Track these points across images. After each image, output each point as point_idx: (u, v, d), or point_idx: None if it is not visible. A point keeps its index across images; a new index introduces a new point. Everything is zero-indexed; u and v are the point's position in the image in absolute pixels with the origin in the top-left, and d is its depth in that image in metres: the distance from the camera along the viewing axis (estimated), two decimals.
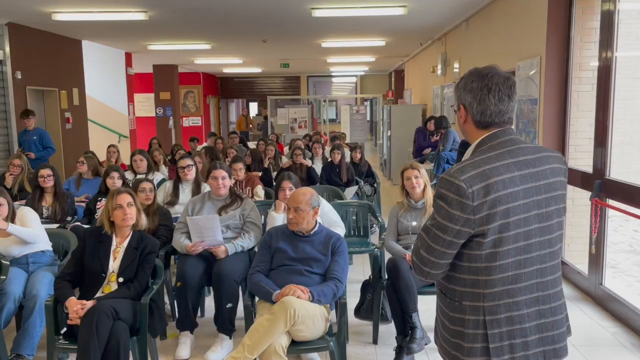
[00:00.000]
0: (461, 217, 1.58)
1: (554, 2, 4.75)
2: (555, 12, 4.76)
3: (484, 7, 6.73)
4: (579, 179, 4.50)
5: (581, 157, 4.74)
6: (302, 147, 7.32)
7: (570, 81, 4.76)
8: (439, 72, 9.68)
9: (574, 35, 4.68)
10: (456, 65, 8.45)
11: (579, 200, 4.73)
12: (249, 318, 3.19)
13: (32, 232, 3.60)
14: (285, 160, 7.61)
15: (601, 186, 4.09)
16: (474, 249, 1.63)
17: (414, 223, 3.75)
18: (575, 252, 4.81)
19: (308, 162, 6.82)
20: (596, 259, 4.25)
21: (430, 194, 3.78)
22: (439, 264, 1.67)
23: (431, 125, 8.94)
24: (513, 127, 1.86)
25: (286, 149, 9.71)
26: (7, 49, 7.21)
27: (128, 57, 11.39)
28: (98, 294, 3.09)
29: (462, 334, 1.68)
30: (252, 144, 10.21)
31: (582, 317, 4.05)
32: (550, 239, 1.67)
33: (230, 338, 3.60)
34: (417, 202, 3.79)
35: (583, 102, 4.74)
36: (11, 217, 3.60)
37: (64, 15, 6.86)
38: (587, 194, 4.32)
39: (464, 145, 1.86)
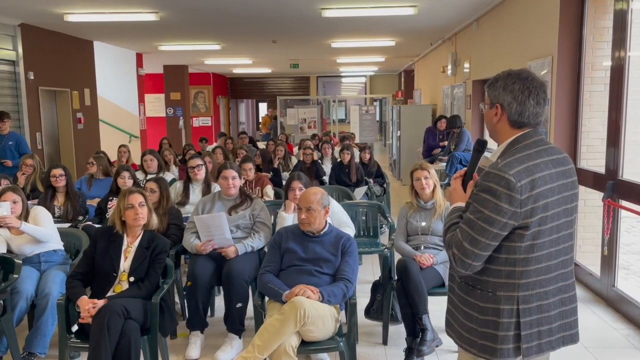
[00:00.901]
0: (509, 210, 1.67)
1: (566, 1, 4.71)
2: (567, 11, 4.72)
3: (494, 6, 6.69)
4: (591, 179, 4.46)
5: (593, 158, 4.70)
6: (312, 147, 7.33)
7: (582, 81, 4.72)
8: (449, 72, 9.64)
9: (587, 34, 4.64)
10: (466, 65, 8.40)
11: (590, 201, 4.69)
12: (259, 318, 3.20)
13: (44, 231, 3.64)
14: (294, 161, 7.62)
15: (614, 187, 4.05)
16: (514, 241, 1.72)
17: (424, 223, 3.74)
18: (587, 254, 4.77)
19: (315, 155, 6.79)
20: (608, 260, 4.21)
21: (440, 194, 3.76)
22: (482, 256, 1.73)
23: (442, 125, 8.88)
24: None
25: (296, 149, 9.72)
26: (20, 49, 7.28)
27: (139, 58, 11.46)
28: (109, 293, 3.11)
29: (496, 324, 1.76)
30: (261, 144, 10.23)
31: (594, 319, 4.02)
32: (571, 233, 1.82)
33: (240, 338, 3.61)
34: (426, 202, 3.77)
35: (595, 102, 4.69)
36: (25, 216, 3.64)
37: (76, 16, 6.91)
38: (599, 195, 4.28)
39: (481, 143, 1.89)
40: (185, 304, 3.77)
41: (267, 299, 3.20)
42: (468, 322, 1.84)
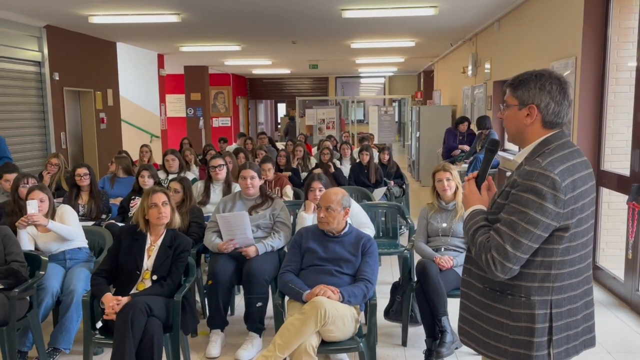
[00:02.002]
0: (553, 211, 1.63)
1: (590, 1, 4.65)
2: (591, 11, 4.65)
3: (517, 6, 6.62)
4: (615, 182, 4.39)
5: (617, 160, 4.62)
6: (331, 147, 7.34)
7: (606, 82, 4.65)
8: (469, 72, 9.56)
9: (611, 34, 4.57)
10: (487, 65, 8.33)
11: (614, 204, 4.62)
12: (279, 317, 3.22)
13: (70, 229, 3.71)
14: (313, 161, 7.64)
15: (639, 189, 3.99)
16: (553, 243, 1.67)
17: (444, 225, 3.72)
18: (610, 257, 4.70)
19: (331, 167, 6.80)
20: (633, 264, 4.14)
21: (461, 196, 3.74)
22: (523, 259, 1.67)
23: (464, 127, 8.78)
24: None
25: (314, 150, 9.74)
26: (46, 51, 7.43)
27: (160, 59, 11.60)
28: (132, 291, 3.16)
29: (531, 330, 1.70)
30: (279, 145, 10.28)
31: (617, 324, 3.95)
32: (592, 236, 1.80)
33: (260, 337, 3.63)
34: (447, 203, 3.76)
35: (620, 104, 4.62)
36: (51, 214, 3.72)
37: (100, 17, 7.03)
38: (623, 198, 4.22)
39: (495, 143, 1.86)
40: (206, 303, 3.81)
41: (287, 298, 3.22)
42: (497, 330, 1.76)
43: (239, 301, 4.29)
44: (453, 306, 3.51)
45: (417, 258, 3.76)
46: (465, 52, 10.13)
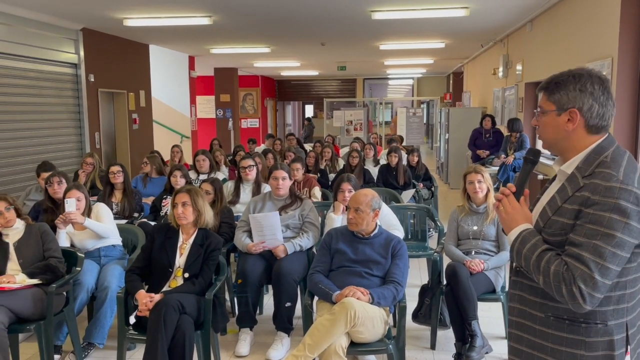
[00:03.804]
0: (637, 229, 1.46)
1: (627, 1, 4.54)
2: (628, 11, 4.54)
3: (550, 7, 6.51)
4: None
5: None
6: (359, 149, 7.34)
7: None
8: (500, 74, 9.43)
9: None
10: (519, 67, 8.20)
11: None
12: (308, 317, 3.24)
13: (105, 227, 3.80)
14: (341, 163, 7.64)
15: None
16: (630, 261, 1.51)
17: (475, 227, 3.68)
18: None
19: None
20: None
21: (493, 199, 3.69)
22: (609, 286, 1.49)
23: (487, 123, 8.65)
24: None
25: (343, 151, 9.74)
26: (82, 53, 7.62)
27: (191, 61, 11.78)
28: (165, 288, 3.22)
29: (611, 357, 1.54)
30: (307, 146, 10.32)
31: None
32: None
33: (289, 336, 3.66)
34: (478, 206, 3.72)
35: None
36: (87, 212, 3.82)
37: (134, 21, 7.18)
38: None
39: (535, 153, 1.77)
40: (235, 301, 3.86)
41: (316, 298, 3.23)
42: None
43: (267, 300, 4.33)
44: (483, 310, 3.48)
45: (446, 261, 3.73)
46: (496, 53, 9.99)
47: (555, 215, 1.57)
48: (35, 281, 3.25)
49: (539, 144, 4.56)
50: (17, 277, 3.24)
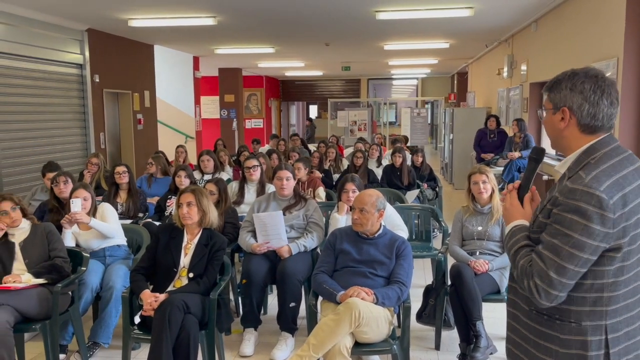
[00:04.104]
0: (601, 232, 1.47)
1: (633, 0, 4.52)
2: (634, 11, 4.52)
3: (555, 6, 6.49)
4: None
5: None
6: (363, 149, 7.33)
7: None
8: (504, 74, 9.40)
9: None
10: (523, 67, 8.18)
11: None
12: (313, 317, 3.24)
13: (110, 227, 3.82)
14: (345, 163, 7.65)
15: None
16: (603, 264, 1.53)
17: (480, 228, 3.68)
18: None
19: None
20: None
21: (497, 199, 3.69)
22: (569, 285, 1.53)
23: (492, 124, 8.65)
24: None
25: (347, 151, 9.74)
26: (87, 53, 7.65)
27: (196, 61, 11.81)
28: (169, 288, 3.23)
29: (584, 357, 1.57)
30: (312, 147, 10.32)
31: None
32: None
33: (293, 336, 3.66)
34: (483, 206, 3.71)
35: None
36: (93, 212, 3.83)
37: (139, 21, 7.21)
38: None
39: (539, 152, 1.79)
40: (240, 302, 3.86)
41: (320, 298, 3.24)
42: (546, 356, 1.63)
43: (272, 301, 4.34)
44: (488, 310, 3.47)
45: (450, 261, 3.73)
46: (500, 53, 9.97)
47: (540, 214, 1.62)
48: (40, 281, 3.27)
49: (544, 144, 4.54)
50: (22, 277, 3.25)
